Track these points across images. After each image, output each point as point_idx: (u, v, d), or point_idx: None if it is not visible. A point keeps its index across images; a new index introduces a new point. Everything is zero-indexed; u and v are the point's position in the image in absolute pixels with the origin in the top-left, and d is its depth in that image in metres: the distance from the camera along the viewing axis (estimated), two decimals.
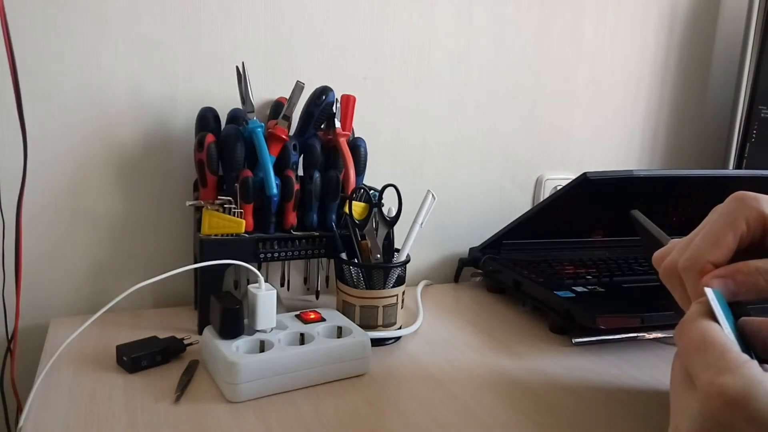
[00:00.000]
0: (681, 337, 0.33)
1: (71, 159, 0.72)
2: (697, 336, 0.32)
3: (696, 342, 0.32)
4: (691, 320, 0.33)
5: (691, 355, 0.31)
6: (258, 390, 0.55)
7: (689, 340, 0.32)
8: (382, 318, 0.69)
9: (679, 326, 0.34)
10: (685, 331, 0.33)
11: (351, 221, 0.71)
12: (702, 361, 0.30)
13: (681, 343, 0.33)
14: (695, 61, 1.12)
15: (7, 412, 0.73)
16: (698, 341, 0.31)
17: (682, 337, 0.33)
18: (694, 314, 0.34)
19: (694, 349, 0.31)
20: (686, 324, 0.33)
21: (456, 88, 0.92)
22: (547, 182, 1.02)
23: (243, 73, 0.70)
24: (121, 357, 0.60)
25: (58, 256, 0.74)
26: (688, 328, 0.33)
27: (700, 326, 0.32)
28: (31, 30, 0.68)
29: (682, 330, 0.33)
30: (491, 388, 0.59)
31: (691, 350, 0.31)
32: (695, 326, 0.32)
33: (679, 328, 0.34)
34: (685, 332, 0.33)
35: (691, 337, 0.32)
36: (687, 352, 0.32)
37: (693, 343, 0.32)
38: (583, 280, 0.79)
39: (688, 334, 0.32)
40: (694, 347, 0.31)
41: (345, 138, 0.76)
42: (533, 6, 0.95)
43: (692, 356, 0.31)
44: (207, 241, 0.67)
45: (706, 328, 0.32)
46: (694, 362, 0.31)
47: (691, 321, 0.33)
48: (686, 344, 0.32)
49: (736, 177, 0.90)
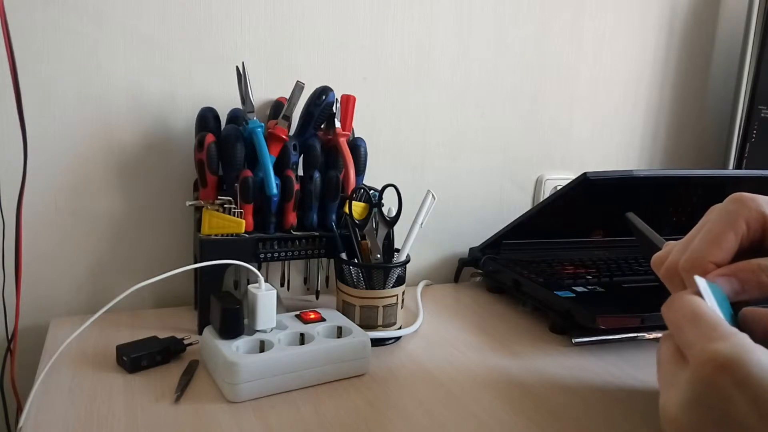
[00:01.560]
0: (671, 310, 0.33)
1: (71, 159, 0.73)
2: (689, 309, 0.32)
3: (688, 314, 0.32)
4: (681, 296, 0.33)
5: (684, 327, 0.31)
6: (258, 390, 0.55)
7: (681, 313, 0.32)
8: (382, 318, 0.69)
9: (667, 303, 0.34)
10: (676, 305, 0.33)
11: (351, 221, 0.71)
12: (694, 332, 0.31)
13: (672, 317, 0.33)
14: (695, 61, 1.12)
15: (7, 412, 0.73)
16: (690, 313, 0.32)
17: (672, 310, 0.33)
18: (682, 293, 0.34)
19: (687, 321, 0.31)
20: (676, 300, 0.33)
21: (456, 88, 0.92)
22: (547, 182, 1.02)
23: (243, 73, 0.70)
24: (121, 357, 0.60)
25: (58, 256, 0.74)
26: (679, 303, 0.33)
27: (690, 300, 0.32)
28: (31, 30, 0.68)
29: (671, 305, 0.33)
30: (491, 388, 0.59)
31: (683, 323, 0.32)
32: (685, 300, 0.33)
33: (668, 304, 0.34)
34: (675, 307, 0.33)
35: (683, 310, 0.32)
36: (679, 325, 0.32)
37: (685, 315, 0.32)
38: (583, 280, 0.79)
39: (679, 308, 0.32)
40: (687, 320, 0.31)
41: (345, 138, 0.76)
42: (533, 6, 0.95)
43: (685, 329, 0.31)
44: (207, 241, 0.67)
45: (697, 302, 0.32)
46: (687, 334, 0.31)
47: (680, 296, 0.33)
48: (677, 317, 0.32)
49: (736, 177, 0.90)
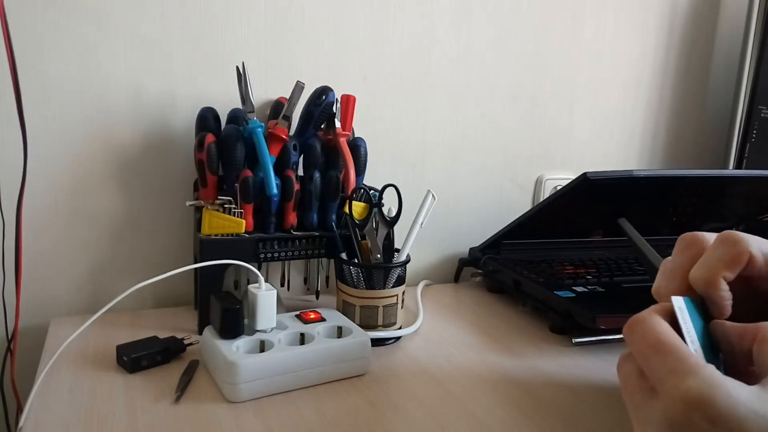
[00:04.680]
0: (634, 335, 0.32)
1: (71, 159, 0.72)
2: (654, 337, 0.31)
3: (653, 343, 0.31)
4: (644, 319, 0.33)
5: (649, 356, 0.31)
6: (258, 390, 0.55)
7: (645, 341, 0.32)
8: (382, 318, 0.69)
9: (630, 324, 0.33)
10: (639, 330, 0.32)
11: (351, 221, 0.71)
12: (662, 364, 0.30)
13: (636, 343, 0.32)
14: (695, 61, 1.12)
15: (7, 412, 0.73)
16: (655, 342, 0.31)
17: (635, 335, 0.32)
18: (647, 312, 0.33)
19: (653, 351, 0.31)
20: (639, 323, 0.33)
21: (456, 88, 0.92)
22: (547, 182, 1.02)
23: (243, 73, 0.70)
24: (121, 357, 0.60)
25: (58, 256, 0.74)
26: (642, 327, 0.32)
27: (655, 327, 0.32)
28: (31, 30, 0.68)
29: (634, 328, 0.33)
30: (491, 388, 0.59)
31: (649, 353, 0.31)
32: (650, 326, 0.32)
33: (631, 326, 0.33)
34: (639, 332, 0.32)
35: (648, 337, 0.32)
36: (644, 354, 0.31)
37: (650, 344, 0.31)
38: (583, 280, 0.79)
39: (643, 334, 0.32)
40: (653, 350, 0.31)
41: (345, 138, 0.76)
42: (533, 6, 0.95)
43: (650, 358, 0.31)
44: (207, 241, 0.67)
45: (662, 330, 0.32)
46: (653, 364, 0.31)
47: (643, 320, 0.32)
48: (642, 345, 0.32)
49: (736, 177, 0.90)
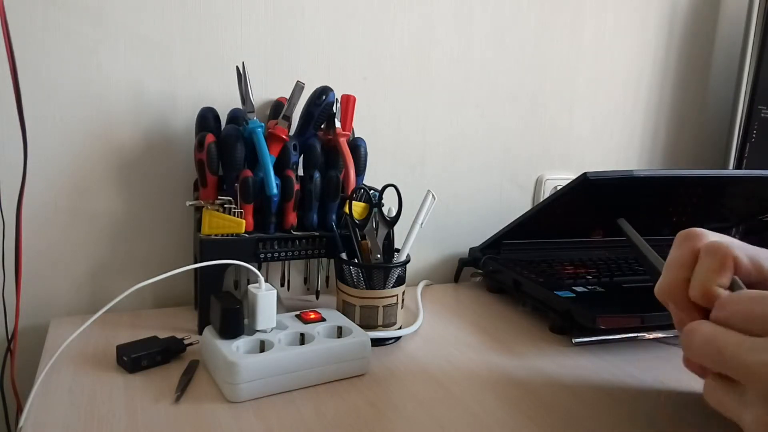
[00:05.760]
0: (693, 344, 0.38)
1: (71, 159, 0.72)
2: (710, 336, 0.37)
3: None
4: (695, 329, 0.37)
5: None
6: (258, 390, 0.55)
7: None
8: (382, 318, 0.69)
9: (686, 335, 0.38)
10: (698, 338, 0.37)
11: (351, 221, 0.71)
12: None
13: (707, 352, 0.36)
14: (695, 61, 1.12)
15: (7, 412, 0.73)
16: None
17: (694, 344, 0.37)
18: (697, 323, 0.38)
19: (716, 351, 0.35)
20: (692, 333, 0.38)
21: (456, 88, 0.92)
22: (547, 182, 1.02)
23: (243, 73, 0.70)
24: (121, 357, 0.60)
25: (58, 256, 0.74)
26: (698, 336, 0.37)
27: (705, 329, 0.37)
28: (31, 30, 0.68)
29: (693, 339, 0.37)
30: (491, 388, 0.59)
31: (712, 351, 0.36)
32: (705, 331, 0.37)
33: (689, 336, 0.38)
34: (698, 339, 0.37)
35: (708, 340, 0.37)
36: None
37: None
38: (583, 280, 0.79)
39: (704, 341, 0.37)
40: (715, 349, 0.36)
41: (345, 138, 0.76)
42: (533, 6, 0.95)
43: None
44: (207, 241, 0.67)
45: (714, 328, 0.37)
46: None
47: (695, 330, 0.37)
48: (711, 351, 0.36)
49: (736, 177, 0.90)
